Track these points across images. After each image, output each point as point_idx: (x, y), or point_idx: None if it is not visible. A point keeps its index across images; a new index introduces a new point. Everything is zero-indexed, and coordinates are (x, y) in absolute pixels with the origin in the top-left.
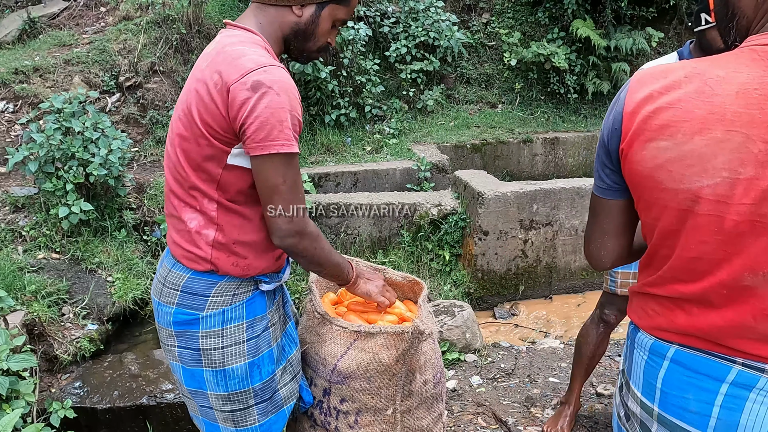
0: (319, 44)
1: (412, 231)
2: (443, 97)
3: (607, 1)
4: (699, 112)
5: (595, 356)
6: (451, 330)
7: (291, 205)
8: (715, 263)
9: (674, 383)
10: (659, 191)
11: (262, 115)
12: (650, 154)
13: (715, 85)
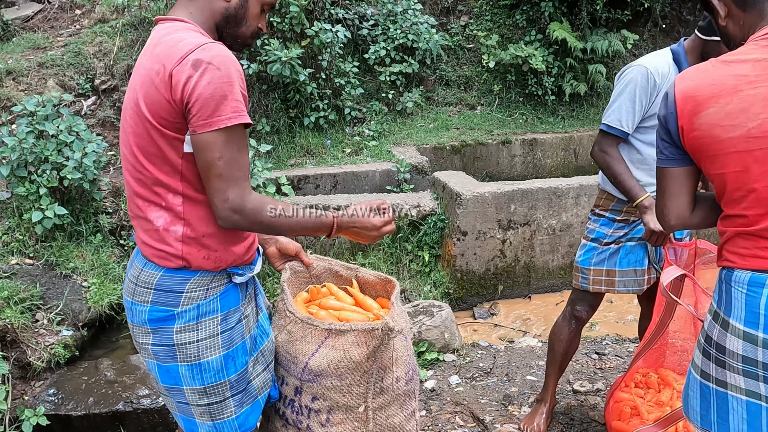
0: (251, 29)
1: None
2: (422, 99)
3: (582, 3)
4: (731, 83)
5: (568, 353)
6: (430, 330)
7: (227, 182)
8: None
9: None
10: (719, 143)
11: (205, 92)
12: (704, 121)
13: (736, 64)
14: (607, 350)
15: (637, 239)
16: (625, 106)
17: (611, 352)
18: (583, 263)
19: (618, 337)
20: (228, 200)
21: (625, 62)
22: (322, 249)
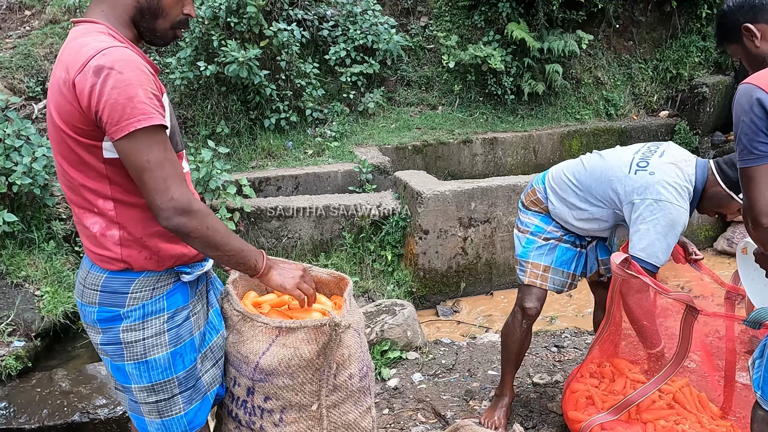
0: (172, 19)
1: (353, 232)
2: (384, 100)
3: (539, 4)
4: None
5: (521, 351)
6: (393, 329)
7: (166, 182)
8: None
9: None
10: None
11: (111, 98)
12: None
13: None
14: (566, 343)
15: (570, 243)
16: (669, 246)
17: (570, 345)
18: (522, 255)
19: (576, 329)
20: (174, 199)
21: (580, 62)
22: (284, 250)
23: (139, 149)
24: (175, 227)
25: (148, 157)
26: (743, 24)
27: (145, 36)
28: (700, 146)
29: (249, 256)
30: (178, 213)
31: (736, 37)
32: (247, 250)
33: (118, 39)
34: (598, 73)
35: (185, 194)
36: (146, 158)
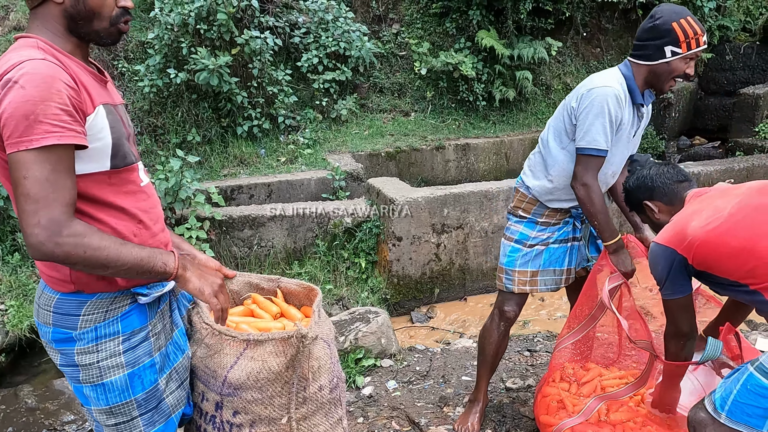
0: (107, 17)
1: (327, 240)
2: (357, 107)
3: (508, 12)
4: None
5: (498, 353)
6: (367, 336)
7: (36, 204)
8: None
9: None
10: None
11: (6, 112)
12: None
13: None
14: (539, 347)
15: (558, 241)
16: (601, 127)
17: (542, 349)
18: (508, 264)
19: (549, 333)
20: (41, 224)
21: (550, 69)
22: (257, 259)
23: (23, 165)
24: (42, 256)
25: (26, 174)
26: (643, 201)
27: (91, 39)
28: (666, 150)
29: (153, 262)
30: (45, 240)
31: (640, 209)
32: (148, 257)
33: (47, 51)
34: (568, 79)
35: (56, 220)
36: (24, 174)
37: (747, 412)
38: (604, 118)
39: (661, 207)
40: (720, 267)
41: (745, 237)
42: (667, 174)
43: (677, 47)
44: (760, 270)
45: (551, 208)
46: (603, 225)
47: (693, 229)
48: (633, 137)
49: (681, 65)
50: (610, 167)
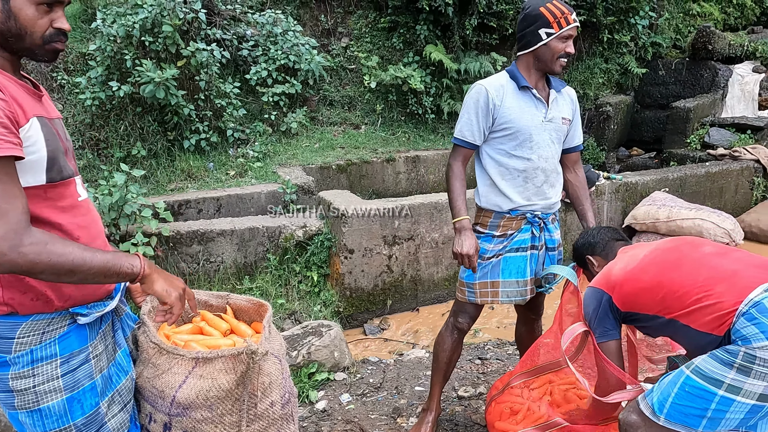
0: (40, 36)
1: (278, 254)
2: (307, 120)
3: (454, 28)
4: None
5: (451, 362)
6: (320, 350)
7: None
8: None
9: None
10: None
11: None
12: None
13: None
14: (489, 355)
15: (516, 249)
16: (466, 119)
17: (493, 356)
18: (468, 278)
19: (499, 341)
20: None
21: None
22: (206, 275)
23: None
24: (6, 268)
25: None
26: (586, 256)
27: (24, 56)
28: (606, 161)
29: (119, 263)
30: (5, 252)
31: (584, 264)
32: (114, 259)
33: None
34: None
35: (13, 230)
36: None
37: (684, 412)
38: (470, 112)
39: (600, 261)
40: (638, 302)
41: (654, 272)
42: (607, 233)
43: (550, 28)
44: (668, 298)
45: (504, 215)
46: (451, 203)
47: (616, 272)
48: (550, 122)
49: (559, 44)
50: (535, 150)
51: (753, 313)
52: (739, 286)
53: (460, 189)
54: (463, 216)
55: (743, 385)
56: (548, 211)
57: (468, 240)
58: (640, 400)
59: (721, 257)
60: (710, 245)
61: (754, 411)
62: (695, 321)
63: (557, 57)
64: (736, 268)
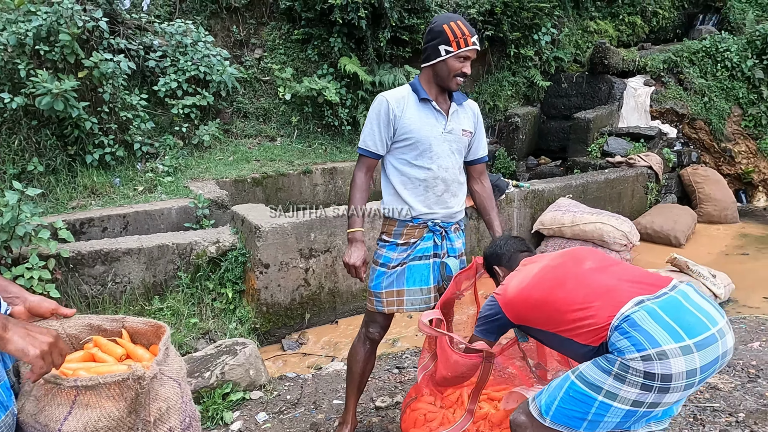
0: None
1: (190, 272)
2: (220, 132)
3: (368, 41)
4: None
5: (365, 373)
6: (234, 369)
7: None
8: None
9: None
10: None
11: None
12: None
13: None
14: (407, 363)
15: (419, 257)
16: (369, 130)
17: (410, 365)
18: (375, 288)
19: (417, 349)
20: None
21: None
22: (112, 297)
23: None
24: None
25: None
26: (493, 266)
27: None
28: (517, 170)
29: None
30: None
31: (492, 273)
32: None
33: None
34: None
35: None
36: None
37: (568, 415)
38: (372, 123)
39: (504, 272)
40: (529, 317)
41: (543, 289)
42: (512, 245)
43: (449, 46)
44: (553, 315)
45: (407, 223)
46: (349, 212)
47: (511, 287)
48: (450, 133)
49: (456, 63)
50: (435, 160)
51: (624, 327)
52: (613, 301)
53: (359, 200)
54: (357, 228)
55: (619, 392)
56: (450, 220)
57: (357, 251)
58: (530, 402)
59: (600, 273)
60: (592, 260)
61: (628, 416)
62: (577, 335)
63: (453, 75)
64: (611, 283)
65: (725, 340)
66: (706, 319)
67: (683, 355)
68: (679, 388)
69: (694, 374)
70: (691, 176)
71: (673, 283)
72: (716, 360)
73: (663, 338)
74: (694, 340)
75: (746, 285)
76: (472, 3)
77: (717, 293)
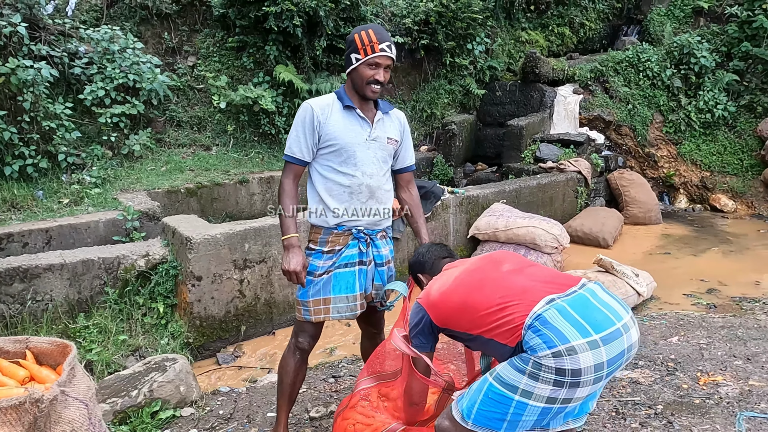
0: None
1: (118, 287)
2: (152, 142)
3: (304, 49)
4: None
5: (296, 384)
6: (163, 387)
7: None
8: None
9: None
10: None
11: None
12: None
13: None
14: (343, 372)
15: (344, 265)
16: (294, 136)
17: (347, 373)
18: (302, 296)
19: (354, 357)
20: None
21: None
22: (32, 316)
23: None
24: None
25: None
26: (417, 274)
27: None
28: (455, 176)
29: None
30: None
31: (417, 280)
32: None
33: None
34: None
35: None
36: None
37: (488, 417)
38: (298, 129)
39: (428, 279)
40: (451, 320)
41: (461, 293)
42: (435, 252)
43: (358, 54)
44: (474, 317)
45: (332, 231)
46: (281, 220)
47: (434, 290)
48: (374, 141)
49: (367, 71)
50: (359, 167)
51: (537, 325)
52: (527, 301)
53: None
54: (292, 234)
55: (534, 390)
56: (375, 228)
57: (295, 257)
58: (452, 407)
59: (517, 274)
60: (509, 262)
61: (544, 413)
62: (496, 336)
63: (366, 82)
64: (526, 284)
65: (630, 334)
66: (611, 314)
67: (591, 350)
68: (588, 382)
69: (601, 368)
70: (618, 180)
71: (582, 282)
72: (622, 353)
73: (572, 334)
74: (600, 334)
75: (668, 283)
76: (407, 13)
77: (640, 291)
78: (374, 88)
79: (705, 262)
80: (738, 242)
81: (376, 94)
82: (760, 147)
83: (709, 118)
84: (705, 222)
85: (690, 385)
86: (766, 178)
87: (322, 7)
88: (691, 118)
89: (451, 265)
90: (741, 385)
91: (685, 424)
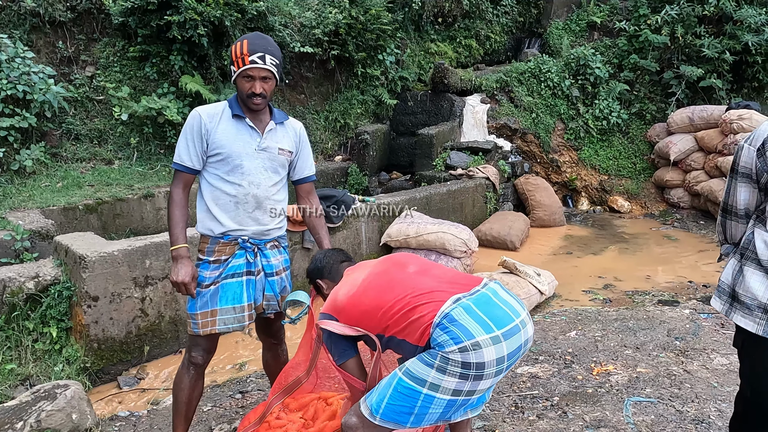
0: None
1: (4, 312)
2: (46, 156)
3: (211, 59)
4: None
5: (191, 401)
6: (53, 415)
7: None
8: None
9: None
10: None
11: None
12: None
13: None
14: (251, 386)
15: (231, 275)
16: (182, 144)
17: (255, 388)
18: (190, 309)
19: (263, 372)
20: None
21: None
22: None
23: None
24: None
25: None
26: (316, 280)
27: None
28: (369, 185)
29: None
30: None
31: (317, 287)
32: None
33: None
34: None
35: None
36: None
37: (396, 411)
38: (186, 137)
39: (328, 284)
40: (362, 324)
41: (371, 296)
42: (333, 256)
43: (234, 66)
44: (384, 319)
45: (219, 240)
46: (170, 230)
47: (340, 297)
48: (264, 151)
49: (244, 83)
50: (246, 177)
51: (445, 323)
52: (435, 301)
53: (179, 216)
54: (180, 244)
55: (441, 383)
56: (263, 237)
57: (184, 268)
58: (361, 403)
59: (423, 275)
60: (414, 264)
61: (449, 405)
62: (408, 335)
63: (246, 95)
64: (433, 285)
65: (526, 330)
66: (510, 311)
67: (494, 345)
68: (491, 375)
69: (502, 361)
70: (524, 185)
71: (484, 282)
72: (520, 347)
73: (477, 331)
74: (501, 330)
75: (569, 281)
76: (317, 24)
77: (542, 290)
78: (255, 101)
79: (603, 260)
80: (633, 240)
81: (259, 106)
82: (650, 151)
83: (605, 125)
84: (604, 222)
85: (584, 376)
86: (657, 180)
87: (228, 17)
88: (589, 125)
89: (352, 269)
90: (630, 373)
91: (578, 413)
